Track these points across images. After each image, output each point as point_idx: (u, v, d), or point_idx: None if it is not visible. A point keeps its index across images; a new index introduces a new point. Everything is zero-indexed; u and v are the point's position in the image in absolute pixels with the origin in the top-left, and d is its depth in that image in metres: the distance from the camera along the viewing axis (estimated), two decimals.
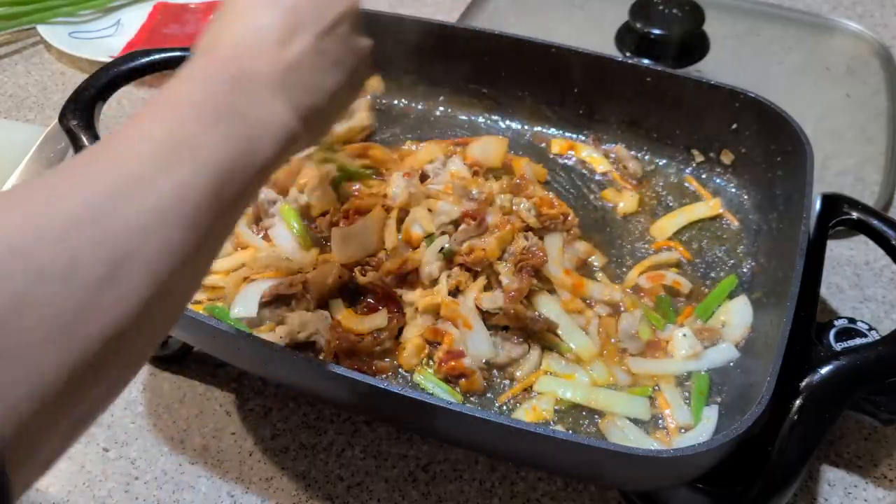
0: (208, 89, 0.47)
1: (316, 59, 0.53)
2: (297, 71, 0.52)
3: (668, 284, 0.78)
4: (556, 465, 0.67)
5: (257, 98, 0.49)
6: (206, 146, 0.44)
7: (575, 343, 0.73)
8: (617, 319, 0.74)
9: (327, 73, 0.54)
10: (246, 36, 0.51)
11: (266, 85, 0.50)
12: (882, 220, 0.71)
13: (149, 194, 0.40)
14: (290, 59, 0.51)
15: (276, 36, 0.51)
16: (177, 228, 0.41)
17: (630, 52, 1.04)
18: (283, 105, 0.50)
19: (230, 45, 0.51)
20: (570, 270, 0.77)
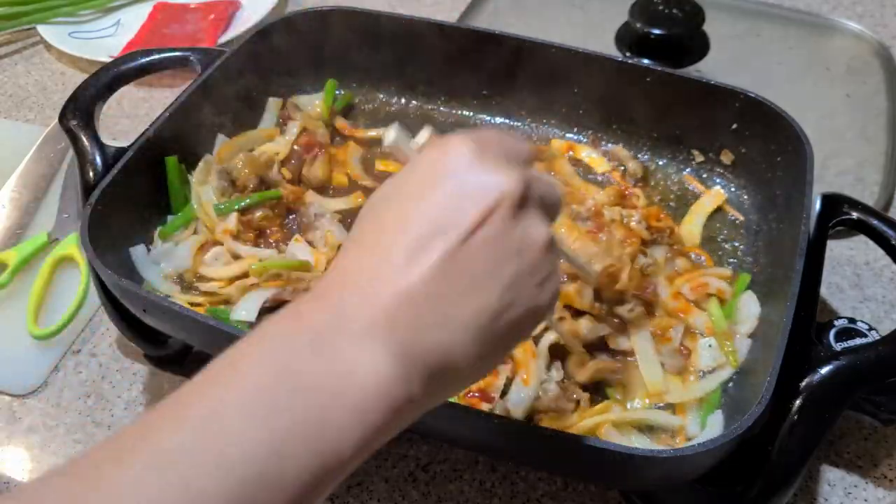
0: (271, 366, 0.36)
1: (445, 281, 0.39)
2: (415, 301, 0.38)
3: (713, 293, 0.76)
4: (557, 465, 0.67)
5: (344, 356, 0.37)
6: (244, 453, 0.34)
7: (650, 376, 0.70)
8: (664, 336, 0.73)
9: (460, 300, 0.39)
10: (362, 262, 0.40)
11: (365, 331, 0.38)
12: (882, 220, 0.71)
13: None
14: (403, 287, 0.38)
15: (402, 255, 0.39)
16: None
17: (630, 52, 1.04)
18: (385, 356, 0.37)
19: (336, 282, 0.40)
20: (679, 293, 0.74)
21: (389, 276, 0.39)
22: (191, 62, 0.87)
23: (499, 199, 0.40)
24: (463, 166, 0.41)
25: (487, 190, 0.40)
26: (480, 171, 0.41)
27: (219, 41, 1.18)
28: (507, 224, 0.40)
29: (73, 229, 0.90)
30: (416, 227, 0.40)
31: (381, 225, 0.41)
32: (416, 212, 0.40)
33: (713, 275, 0.78)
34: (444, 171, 0.41)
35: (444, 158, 0.42)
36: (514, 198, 0.41)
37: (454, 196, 0.40)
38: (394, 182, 0.43)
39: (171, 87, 1.14)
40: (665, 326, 0.73)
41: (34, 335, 0.83)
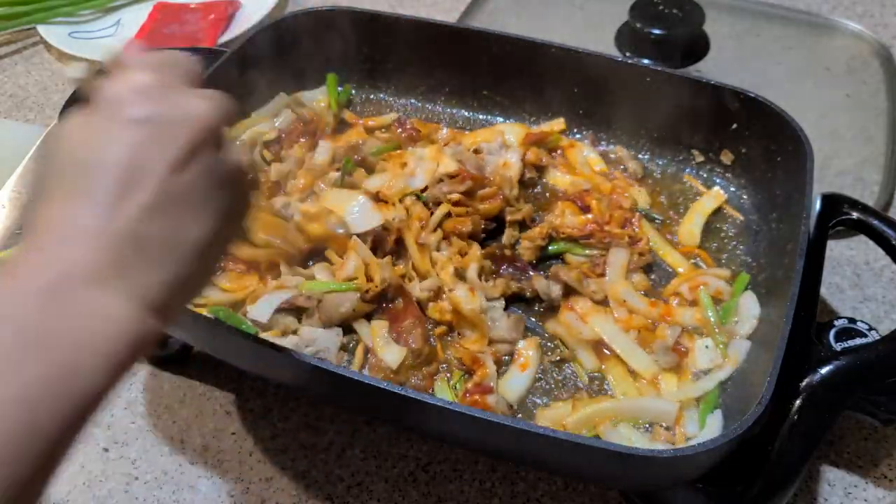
0: (7, 319, 0.37)
1: (162, 217, 0.41)
2: (135, 242, 0.40)
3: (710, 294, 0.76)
4: (557, 466, 0.67)
5: (79, 306, 0.38)
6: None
7: (638, 363, 0.72)
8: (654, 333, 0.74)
9: (180, 232, 0.41)
10: (70, 208, 0.40)
11: (91, 278, 0.39)
12: (882, 220, 0.71)
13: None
14: (123, 228, 0.40)
15: (110, 197, 0.40)
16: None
17: (630, 52, 1.04)
18: (116, 294, 0.39)
19: (45, 231, 0.40)
20: (657, 301, 0.76)
21: (104, 223, 0.40)
22: None
23: (198, 129, 0.42)
24: (153, 99, 0.42)
25: (186, 122, 0.42)
26: (173, 104, 0.43)
27: (219, 41, 1.18)
28: (208, 153, 0.43)
29: None
30: (120, 171, 0.40)
31: (83, 172, 0.41)
32: (116, 156, 0.41)
33: (712, 275, 0.78)
34: (134, 107, 0.42)
35: (131, 93, 0.43)
36: (211, 127, 0.43)
37: (153, 131, 0.41)
38: (79, 123, 0.43)
39: None
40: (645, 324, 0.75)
41: None
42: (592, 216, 0.81)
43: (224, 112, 0.45)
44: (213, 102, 0.44)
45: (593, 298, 0.76)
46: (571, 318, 0.74)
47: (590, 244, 0.80)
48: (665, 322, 0.75)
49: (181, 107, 0.43)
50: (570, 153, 0.90)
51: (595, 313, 0.75)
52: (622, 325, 0.74)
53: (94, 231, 0.40)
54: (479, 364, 0.71)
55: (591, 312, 0.75)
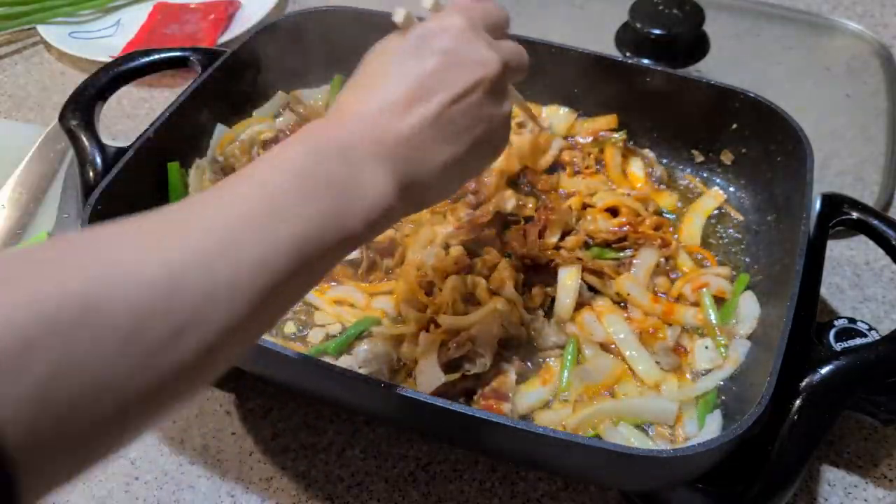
0: (313, 160, 0.47)
1: (433, 131, 0.51)
2: (409, 143, 0.50)
3: (713, 293, 0.76)
4: (557, 466, 0.67)
5: (360, 170, 0.48)
6: (298, 219, 0.44)
7: (643, 368, 0.71)
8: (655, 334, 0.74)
9: (442, 147, 0.52)
10: (370, 104, 0.51)
11: (373, 156, 0.49)
12: (882, 220, 0.71)
13: (227, 265, 0.40)
14: (405, 130, 0.50)
15: (398, 107, 0.50)
16: (244, 302, 0.41)
17: (630, 52, 1.04)
18: (385, 177, 0.49)
19: (351, 112, 0.51)
20: (658, 297, 0.77)
21: (391, 121, 0.50)
22: (191, 62, 0.87)
23: (482, 76, 0.52)
24: (459, 41, 0.53)
25: (475, 67, 0.52)
26: (472, 48, 0.53)
27: (219, 41, 1.18)
28: (483, 97, 0.53)
29: (73, 229, 0.90)
30: (417, 83, 0.51)
31: (387, 76, 0.52)
32: (417, 70, 0.51)
33: (714, 274, 0.78)
34: (442, 42, 0.52)
35: (443, 31, 0.53)
36: (493, 77, 0.53)
37: (449, 65, 0.52)
38: (397, 42, 0.54)
39: (171, 87, 1.14)
40: (657, 325, 0.74)
41: None
42: (626, 219, 0.81)
43: (510, 67, 0.55)
44: (501, 55, 0.54)
45: (614, 300, 0.76)
46: (589, 319, 0.74)
47: (623, 247, 0.80)
48: (666, 321, 0.75)
49: (475, 51, 0.53)
50: (607, 153, 0.88)
51: (610, 312, 0.75)
52: (635, 326, 0.74)
53: (384, 124, 0.50)
54: (501, 372, 0.70)
55: (607, 311, 0.75)
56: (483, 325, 0.70)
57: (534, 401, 0.70)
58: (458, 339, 0.69)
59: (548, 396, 0.70)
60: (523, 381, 0.71)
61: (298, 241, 0.44)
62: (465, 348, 0.68)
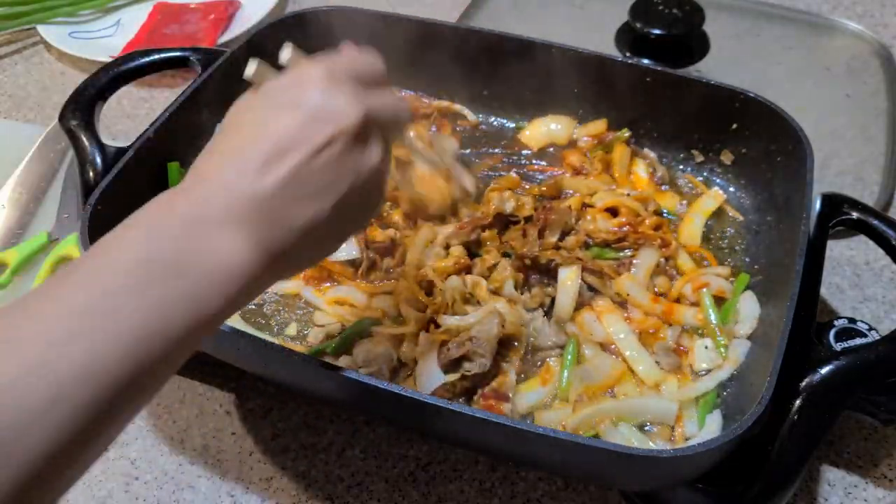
0: (155, 240, 0.44)
1: (293, 190, 0.48)
2: (267, 205, 0.47)
3: (713, 293, 0.76)
4: (557, 466, 0.67)
5: (211, 244, 0.45)
6: (137, 313, 0.41)
7: (643, 369, 0.71)
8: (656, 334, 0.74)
9: (304, 205, 0.48)
10: (224, 169, 0.48)
11: (227, 225, 0.46)
12: (882, 220, 0.71)
13: (46, 382, 0.38)
14: (261, 192, 0.47)
15: (254, 168, 0.47)
16: (68, 420, 0.38)
17: (630, 52, 1.04)
18: (242, 246, 0.46)
19: (204, 179, 0.48)
20: (658, 297, 0.77)
21: (246, 182, 0.47)
22: (191, 62, 0.87)
23: (343, 127, 0.49)
24: (317, 93, 0.50)
25: (332, 118, 0.49)
26: (329, 99, 0.50)
27: (219, 41, 1.18)
28: (346, 148, 0.49)
29: (73, 229, 0.90)
30: (271, 142, 0.48)
31: (241, 137, 0.50)
32: (271, 129, 0.49)
33: (714, 274, 0.78)
34: (297, 97, 0.50)
35: (298, 84, 0.51)
36: (355, 126, 0.49)
37: (305, 120, 0.49)
38: (254, 101, 0.52)
39: (171, 87, 1.14)
40: (657, 325, 0.74)
41: None
42: (626, 219, 0.81)
43: (378, 115, 0.51)
44: (365, 104, 0.50)
45: (614, 300, 0.76)
46: (589, 319, 0.74)
47: (623, 246, 0.80)
48: (666, 321, 0.75)
49: (333, 102, 0.50)
50: (615, 154, 0.89)
51: (610, 312, 0.75)
52: (635, 326, 0.74)
53: (238, 187, 0.47)
54: (501, 372, 0.71)
55: (607, 311, 0.75)
56: (483, 326, 0.70)
57: (534, 401, 0.70)
58: (458, 340, 0.69)
59: (548, 396, 0.70)
60: (523, 381, 0.72)
61: (137, 337, 0.41)
62: (465, 348, 0.69)
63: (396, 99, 0.55)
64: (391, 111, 0.54)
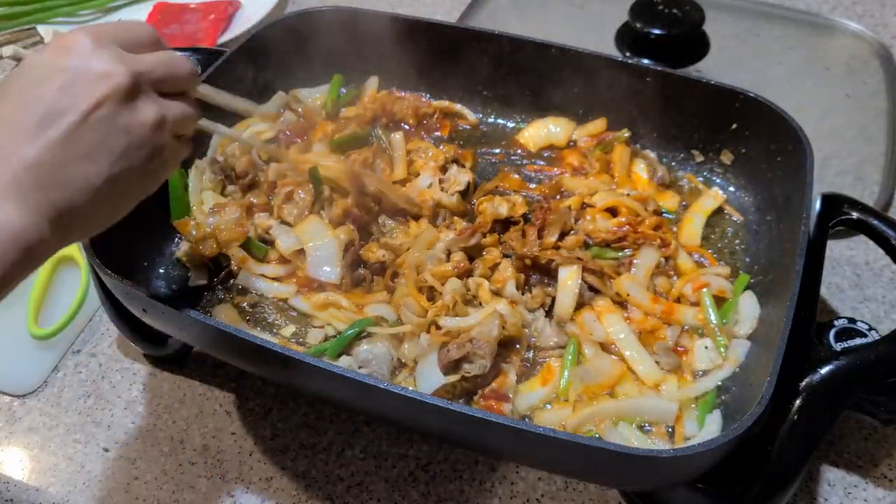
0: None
1: (66, 151, 0.49)
2: (41, 168, 0.49)
3: (713, 293, 0.76)
4: (557, 466, 0.67)
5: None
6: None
7: (643, 369, 0.71)
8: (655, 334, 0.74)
9: (81, 165, 0.50)
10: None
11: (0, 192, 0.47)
12: (882, 220, 0.71)
13: None
14: (32, 155, 0.48)
15: (26, 133, 0.49)
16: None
17: (630, 52, 1.04)
18: (17, 211, 0.47)
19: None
20: (658, 297, 0.76)
21: (18, 147, 0.49)
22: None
23: (109, 89, 0.51)
24: (81, 58, 0.51)
25: (99, 80, 0.51)
26: (95, 63, 0.51)
27: (219, 41, 1.18)
28: (115, 109, 0.51)
29: None
30: (41, 107, 0.50)
31: (10, 105, 0.50)
32: (40, 94, 0.50)
33: (714, 274, 0.78)
34: (64, 62, 0.51)
35: (65, 51, 0.51)
36: (122, 88, 0.51)
37: (72, 84, 0.50)
38: (22, 69, 0.53)
39: None
40: (657, 325, 0.74)
41: (34, 335, 0.83)
42: (626, 219, 0.81)
43: (150, 75, 0.54)
44: (132, 66, 0.52)
45: (615, 300, 0.76)
46: (589, 319, 0.74)
47: (622, 246, 0.80)
48: (667, 321, 0.75)
49: (99, 64, 0.51)
50: (615, 154, 0.88)
51: (610, 312, 0.75)
52: (635, 326, 0.74)
53: (10, 153, 0.48)
54: (501, 373, 0.71)
55: (607, 311, 0.75)
56: (483, 327, 0.70)
57: (534, 401, 0.70)
58: (458, 341, 0.69)
59: (548, 396, 0.70)
60: (524, 382, 0.72)
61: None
62: (465, 350, 0.68)
63: (169, 55, 0.56)
64: (164, 68, 0.55)
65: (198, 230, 0.80)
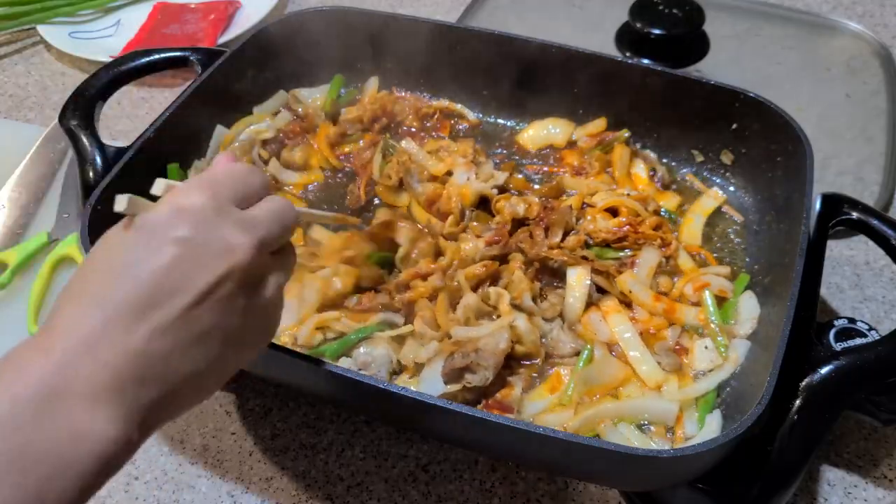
0: (5, 421, 0.37)
1: (174, 338, 0.41)
2: (143, 359, 0.40)
3: (714, 293, 0.76)
4: (558, 466, 0.67)
5: (69, 422, 0.38)
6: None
7: (646, 369, 0.71)
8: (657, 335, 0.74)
9: (187, 353, 0.42)
10: (90, 317, 0.40)
11: (89, 396, 0.39)
12: (882, 220, 0.71)
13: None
14: (136, 345, 0.40)
15: (127, 316, 0.40)
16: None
17: (630, 52, 1.04)
18: (110, 416, 0.39)
19: (66, 331, 0.40)
20: (660, 296, 0.76)
21: (117, 335, 0.40)
22: (191, 62, 0.87)
23: (231, 266, 0.43)
24: (200, 227, 0.43)
25: (220, 256, 0.43)
26: (215, 234, 0.43)
27: (219, 41, 1.18)
28: (237, 289, 0.43)
29: (73, 229, 0.90)
30: (145, 286, 0.41)
31: (110, 279, 0.42)
32: (145, 269, 0.41)
33: (714, 273, 0.78)
34: (179, 229, 0.42)
35: (181, 215, 0.43)
36: (245, 264, 0.43)
37: (188, 258, 0.42)
38: (126, 236, 0.44)
39: (171, 87, 1.14)
40: (660, 325, 0.74)
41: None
42: (626, 219, 0.81)
43: (268, 242, 0.46)
44: (254, 235, 0.45)
45: (621, 299, 0.76)
46: (595, 319, 0.74)
47: (622, 246, 0.80)
48: (668, 320, 0.75)
49: (220, 237, 0.43)
50: (615, 154, 0.88)
51: (616, 312, 0.75)
52: (640, 326, 0.74)
53: (105, 343, 0.40)
54: (507, 385, 0.70)
55: (613, 311, 0.75)
56: (491, 338, 0.69)
57: (540, 408, 0.70)
58: (463, 350, 0.69)
59: (553, 402, 0.70)
60: (533, 390, 0.71)
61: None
62: (468, 360, 0.68)
63: (280, 207, 0.48)
64: (279, 227, 0.48)
65: None
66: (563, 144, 0.91)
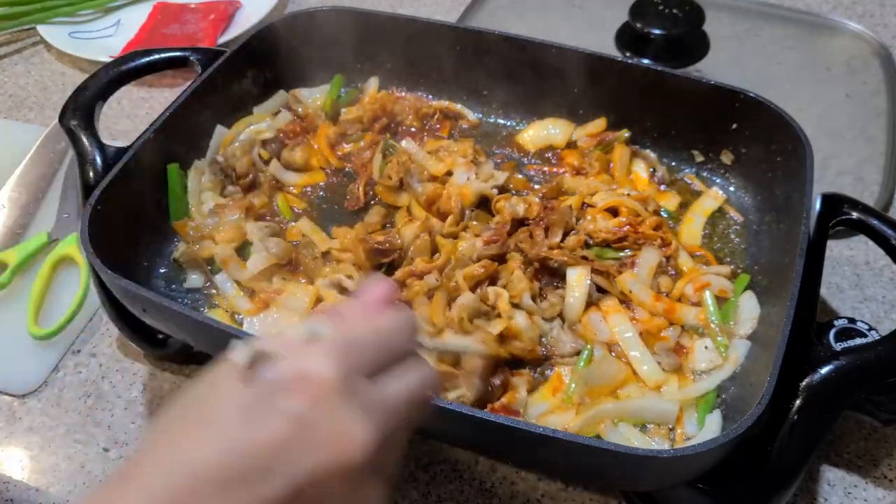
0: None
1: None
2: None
3: (714, 293, 0.76)
4: (558, 466, 0.67)
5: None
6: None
7: (646, 369, 0.71)
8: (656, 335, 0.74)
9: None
10: (176, 469, 0.37)
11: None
12: (882, 220, 0.71)
13: None
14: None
15: (210, 483, 0.36)
16: None
17: (630, 52, 1.04)
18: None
19: (144, 482, 0.37)
20: (660, 296, 0.76)
21: (195, 500, 0.36)
22: (191, 62, 0.87)
23: (342, 459, 0.38)
24: (315, 401, 0.38)
25: (333, 443, 0.38)
26: (332, 415, 0.38)
27: (219, 41, 1.18)
28: (339, 485, 0.38)
29: (73, 229, 0.90)
30: (244, 460, 0.37)
31: (210, 438, 0.38)
32: (248, 433, 0.37)
33: (715, 273, 0.78)
34: (292, 401, 0.38)
35: (298, 383, 0.38)
36: (358, 459, 0.38)
37: (295, 437, 0.37)
38: (235, 384, 0.39)
39: (171, 87, 1.14)
40: (660, 325, 0.74)
41: (34, 335, 0.83)
42: (626, 219, 0.80)
43: (388, 436, 0.40)
44: (377, 423, 0.39)
45: (621, 299, 0.76)
46: (595, 319, 0.74)
47: (623, 246, 0.80)
48: (669, 320, 0.75)
49: (338, 421, 0.38)
50: (615, 154, 0.88)
51: (616, 312, 0.74)
52: (640, 326, 0.74)
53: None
54: (512, 388, 0.70)
55: (613, 311, 0.74)
56: (468, 357, 0.68)
57: (543, 411, 0.70)
58: (443, 363, 0.68)
59: (556, 403, 0.70)
60: (535, 392, 0.71)
61: None
62: (447, 375, 0.67)
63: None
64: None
65: (195, 231, 0.80)
66: (563, 144, 0.91)
